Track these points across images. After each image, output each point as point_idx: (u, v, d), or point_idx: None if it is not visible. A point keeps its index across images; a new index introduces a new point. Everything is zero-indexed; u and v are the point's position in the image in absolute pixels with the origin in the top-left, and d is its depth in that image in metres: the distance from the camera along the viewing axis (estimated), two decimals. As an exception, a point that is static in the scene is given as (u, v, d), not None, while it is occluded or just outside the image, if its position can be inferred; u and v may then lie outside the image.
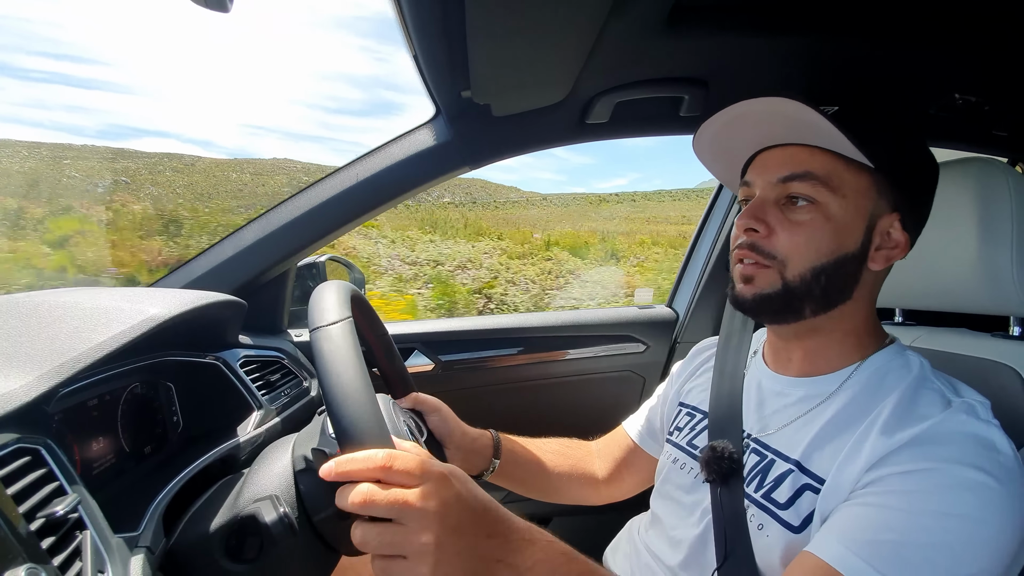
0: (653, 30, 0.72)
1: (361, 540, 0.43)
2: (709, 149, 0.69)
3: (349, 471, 0.43)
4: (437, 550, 0.42)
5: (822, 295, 0.58)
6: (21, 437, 0.44)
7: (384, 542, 0.43)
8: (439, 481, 0.44)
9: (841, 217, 0.56)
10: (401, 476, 0.43)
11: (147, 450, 0.72)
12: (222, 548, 0.54)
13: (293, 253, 1.02)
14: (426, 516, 0.42)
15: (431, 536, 0.42)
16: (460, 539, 0.43)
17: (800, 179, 0.56)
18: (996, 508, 0.46)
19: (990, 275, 0.65)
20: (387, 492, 0.43)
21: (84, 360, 0.51)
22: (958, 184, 0.68)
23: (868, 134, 0.54)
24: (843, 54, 0.79)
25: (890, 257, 0.58)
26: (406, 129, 1.00)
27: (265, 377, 0.91)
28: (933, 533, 0.45)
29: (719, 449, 0.63)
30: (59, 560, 0.41)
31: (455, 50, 0.70)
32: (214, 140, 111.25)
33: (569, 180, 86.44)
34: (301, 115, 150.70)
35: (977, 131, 1.03)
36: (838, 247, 0.56)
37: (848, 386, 0.59)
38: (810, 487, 0.55)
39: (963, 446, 0.49)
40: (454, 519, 0.43)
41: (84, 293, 0.67)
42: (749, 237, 0.59)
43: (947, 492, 0.47)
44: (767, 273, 0.59)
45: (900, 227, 0.58)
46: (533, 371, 1.33)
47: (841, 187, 0.56)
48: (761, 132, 0.61)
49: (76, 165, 14.18)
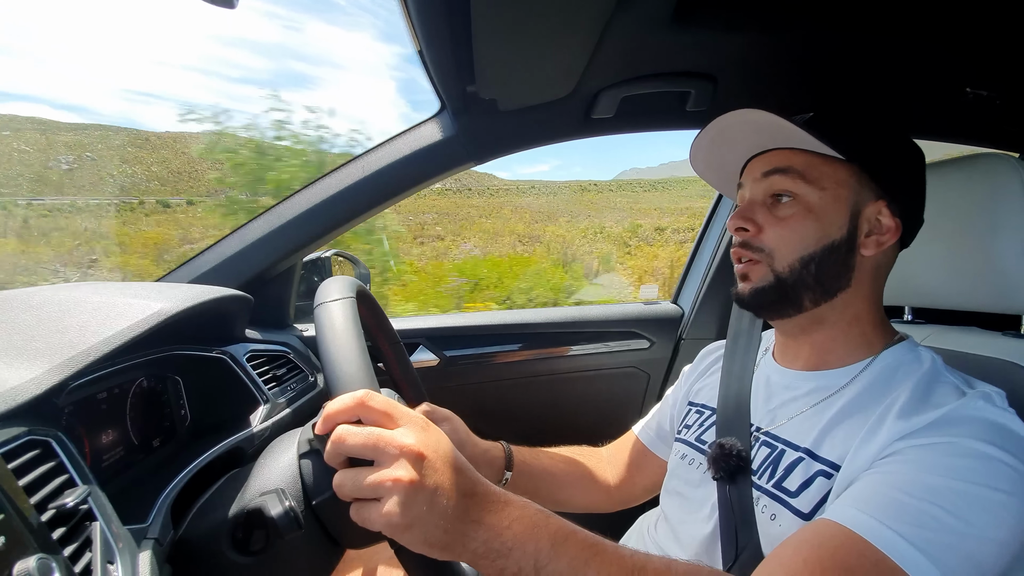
0: (659, 24, 0.71)
1: (337, 483, 0.42)
2: (706, 165, 0.74)
3: (330, 413, 0.43)
4: (410, 489, 0.40)
5: (816, 283, 0.60)
6: (32, 429, 0.45)
7: (358, 483, 0.41)
8: (418, 424, 0.44)
9: (822, 207, 0.59)
10: (379, 415, 0.43)
11: (155, 443, 0.72)
12: (229, 540, 0.55)
13: (299, 248, 1.03)
14: (401, 453, 0.41)
15: (405, 473, 0.40)
16: (435, 486, 0.41)
17: (781, 172, 0.61)
18: (1012, 484, 0.45)
19: (1001, 273, 0.64)
20: (363, 428, 0.42)
21: (93, 354, 0.52)
22: (968, 180, 0.68)
23: (840, 132, 0.59)
24: (851, 48, 0.78)
25: (881, 242, 0.60)
26: (403, 124, 1.00)
27: (272, 371, 0.92)
28: (942, 495, 0.45)
29: (727, 446, 0.63)
30: (69, 551, 0.41)
31: (460, 45, 0.70)
32: (91, 106, 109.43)
33: (495, 163, 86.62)
34: (198, 83, 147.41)
35: (988, 126, 1.01)
36: (823, 235, 0.60)
37: (860, 379, 0.60)
38: (823, 473, 0.55)
39: (981, 427, 0.49)
40: (431, 463, 0.42)
41: (92, 288, 0.68)
42: (740, 236, 0.64)
43: (963, 459, 0.47)
44: (758, 268, 0.62)
45: (889, 213, 0.60)
46: (538, 367, 1.33)
47: (820, 179, 0.60)
48: (747, 142, 0.65)
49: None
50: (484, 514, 0.43)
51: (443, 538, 0.41)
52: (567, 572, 0.42)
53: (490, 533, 0.42)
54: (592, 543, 0.44)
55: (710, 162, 0.72)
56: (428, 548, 0.41)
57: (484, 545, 0.42)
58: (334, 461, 0.44)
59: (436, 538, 0.41)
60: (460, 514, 0.42)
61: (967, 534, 0.44)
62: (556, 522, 0.45)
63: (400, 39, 22.31)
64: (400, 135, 0.99)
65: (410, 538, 0.41)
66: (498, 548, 0.42)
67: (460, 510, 0.42)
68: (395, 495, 0.40)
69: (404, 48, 24.98)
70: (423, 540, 0.41)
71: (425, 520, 0.41)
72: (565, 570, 0.42)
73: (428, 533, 0.41)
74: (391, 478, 0.40)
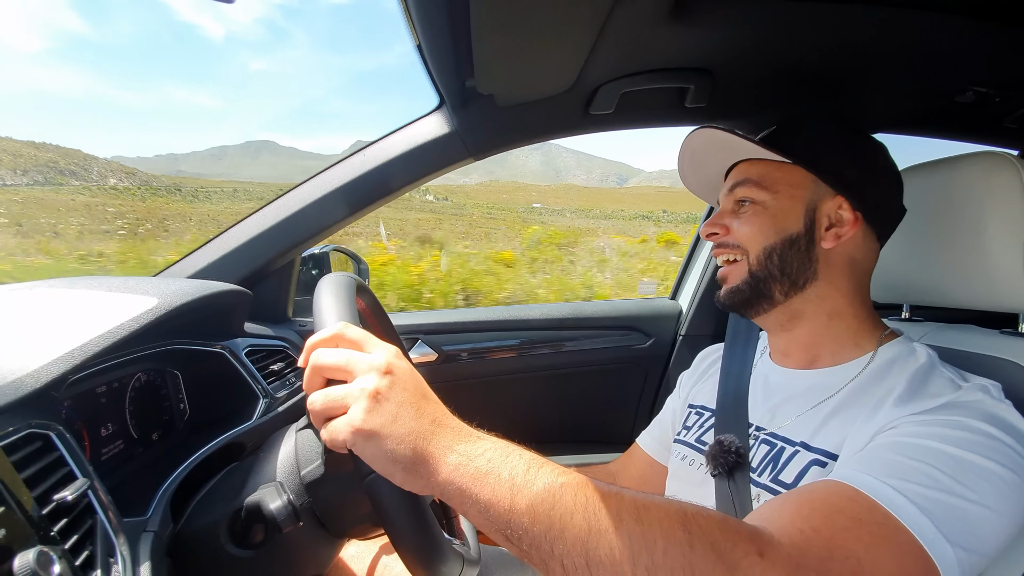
0: (658, 19, 0.71)
1: (311, 400, 0.43)
2: (693, 183, 0.81)
3: (310, 343, 0.45)
4: (376, 396, 0.41)
5: (781, 274, 0.65)
6: (32, 423, 0.45)
7: (329, 398, 0.42)
8: (390, 350, 0.45)
9: (777, 207, 0.66)
10: (355, 344, 0.45)
11: (155, 437, 0.73)
12: (228, 534, 0.55)
13: (298, 244, 1.03)
14: (371, 369, 0.43)
15: (371, 384, 0.42)
16: (401, 401, 0.42)
17: (741, 185, 0.69)
18: (1013, 462, 0.46)
19: (999, 271, 0.64)
20: (337, 349, 0.44)
21: (92, 348, 0.52)
22: (967, 178, 0.67)
23: (790, 141, 0.67)
24: (848, 44, 0.78)
25: (840, 234, 0.64)
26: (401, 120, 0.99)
27: (271, 366, 0.92)
28: (940, 458, 0.45)
29: (726, 443, 0.64)
30: (70, 544, 0.42)
31: (459, 39, 0.70)
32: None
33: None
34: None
35: (988, 124, 1.01)
36: (781, 229, 0.65)
37: (858, 379, 0.61)
38: (817, 462, 0.56)
39: (981, 413, 0.50)
40: (399, 379, 0.43)
41: (91, 283, 0.68)
42: (712, 240, 0.71)
43: (963, 432, 0.48)
44: (738, 267, 0.68)
45: (849, 207, 0.64)
46: (536, 362, 1.33)
47: (774, 185, 0.66)
48: (716, 159, 0.73)
49: None
50: (455, 442, 0.42)
51: (410, 457, 0.41)
52: (544, 495, 0.40)
53: (463, 458, 0.41)
54: (569, 469, 0.43)
55: (696, 179, 0.80)
56: (393, 466, 0.41)
57: (456, 471, 0.41)
58: (311, 384, 0.45)
59: (401, 455, 0.41)
60: (428, 435, 0.42)
61: (963, 496, 0.44)
62: (530, 452, 0.44)
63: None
64: (398, 130, 0.99)
65: (374, 450, 0.41)
66: (472, 473, 0.41)
67: (428, 432, 0.42)
68: (361, 402, 0.41)
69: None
70: (387, 455, 0.41)
71: (389, 432, 0.41)
72: (542, 492, 0.40)
73: (393, 448, 0.41)
74: (358, 387, 0.42)
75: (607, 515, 0.39)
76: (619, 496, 0.41)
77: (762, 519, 0.44)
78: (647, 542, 0.38)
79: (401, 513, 0.44)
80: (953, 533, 0.42)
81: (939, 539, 0.42)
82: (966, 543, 0.43)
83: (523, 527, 0.39)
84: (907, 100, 0.96)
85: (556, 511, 0.39)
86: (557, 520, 0.39)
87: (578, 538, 0.38)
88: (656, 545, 0.38)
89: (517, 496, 0.40)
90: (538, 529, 0.39)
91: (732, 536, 0.39)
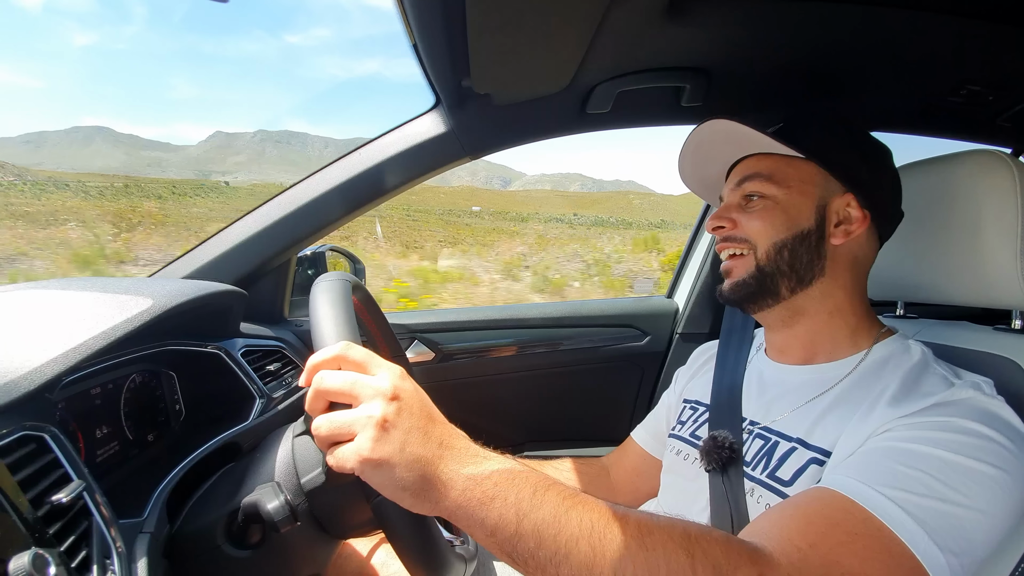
0: (653, 19, 0.71)
1: (316, 426, 0.43)
2: (692, 179, 0.80)
3: (312, 364, 0.44)
4: (383, 425, 0.40)
5: (790, 269, 0.65)
6: (26, 425, 0.45)
7: (334, 424, 0.41)
8: (395, 372, 0.44)
9: (788, 202, 0.65)
10: (358, 365, 0.44)
11: (150, 438, 0.72)
12: (225, 534, 0.55)
13: (294, 244, 1.03)
14: (376, 394, 0.42)
15: (378, 411, 0.41)
16: (409, 427, 0.41)
17: (750, 179, 0.67)
18: (1003, 461, 0.47)
19: (993, 268, 0.65)
20: (341, 372, 0.43)
21: (86, 349, 0.52)
22: (961, 176, 0.68)
23: (802, 136, 0.66)
24: (842, 44, 0.79)
25: (849, 231, 0.64)
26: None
27: (267, 366, 0.92)
28: (932, 464, 0.46)
29: (720, 439, 0.65)
30: (65, 546, 0.42)
31: (455, 38, 0.69)
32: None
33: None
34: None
35: (982, 122, 1.02)
36: (793, 224, 0.65)
37: (852, 375, 0.62)
38: (815, 460, 0.56)
39: (973, 410, 0.50)
40: (406, 405, 0.42)
41: (85, 283, 0.68)
42: (718, 234, 0.69)
43: (955, 434, 0.48)
44: (744, 261, 0.67)
45: (857, 205, 0.64)
46: (533, 360, 1.33)
47: (785, 180, 0.65)
48: (722, 153, 0.72)
49: None
50: (462, 465, 0.42)
51: (418, 484, 0.41)
52: (550, 519, 0.40)
53: (469, 483, 0.41)
54: (575, 492, 0.43)
55: (696, 176, 0.79)
56: (402, 493, 0.41)
57: (463, 495, 0.41)
58: (315, 407, 0.44)
59: (410, 482, 0.41)
60: (436, 460, 0.41)
61: (956, 502, 0.45)
62: (538, 473, 0.44)
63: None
64: (394, 130, 0.99)
65: (382, 478, 0.41)
66: (479, 497, 0.41)
67: (436, 457, 0.42)
68: (368, 431, 0.40)
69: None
70: (396, 483, 0.40)
71: (397, 460, 0.40)
72: (548, 517, 0.40)
73: (401, 475, 0.40)
74: (365, 414, 0.41)
75: (611, 541, 0.40)
76: (624, 519, 0.42)
77: (760, 533, 0.46)
78: (651, 567, 0.39)
79: (408, 532, 0.45)
80: (945, 540, 0.43)
81: (931, 547, 0.43)
82: (957, 548, 0.44)
83: (529, 551, 0.40)
84: (901, 99, 0.96)
85: (561, 536, 0.40)
86: (563, 545, 0.40)
87: (583, 564, 0.39)
88: (659, 571, 0.39)
89: (523, 520, 0.40)
90: (544, 554, 0.40)
91: (735, 559, 0.40)
